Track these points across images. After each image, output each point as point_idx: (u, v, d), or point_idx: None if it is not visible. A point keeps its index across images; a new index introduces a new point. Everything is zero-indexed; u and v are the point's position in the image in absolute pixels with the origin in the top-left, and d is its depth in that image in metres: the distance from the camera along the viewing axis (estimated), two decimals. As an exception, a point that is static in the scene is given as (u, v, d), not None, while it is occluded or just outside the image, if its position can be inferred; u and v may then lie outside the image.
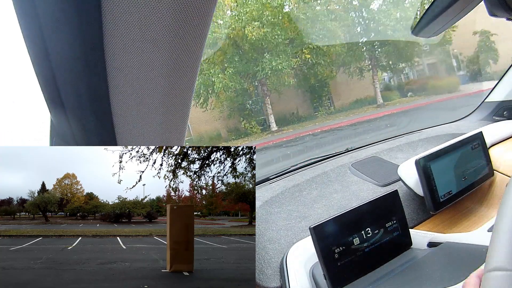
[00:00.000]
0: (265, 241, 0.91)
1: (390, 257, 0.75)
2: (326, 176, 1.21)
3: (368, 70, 11.10)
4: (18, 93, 1.72)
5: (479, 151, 1.03)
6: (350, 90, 11.43)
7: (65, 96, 0.40)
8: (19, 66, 1.01)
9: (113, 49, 0.36)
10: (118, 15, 0.34)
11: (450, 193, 0.96)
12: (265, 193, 1.12)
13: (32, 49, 0.38)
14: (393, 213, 0.77)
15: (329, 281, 0.67)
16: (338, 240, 0.69)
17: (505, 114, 1.47)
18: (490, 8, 0.50)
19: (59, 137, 0.49)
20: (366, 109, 10.87)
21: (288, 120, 11.22)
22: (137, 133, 0.45)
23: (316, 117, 11.17)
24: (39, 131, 0.72)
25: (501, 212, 0.39)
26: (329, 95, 11.56)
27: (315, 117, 11.19)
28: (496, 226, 0.38)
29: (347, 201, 1.06)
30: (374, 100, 11.16)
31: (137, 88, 0.40)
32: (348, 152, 1.42)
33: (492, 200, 1.03)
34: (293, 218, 1.00)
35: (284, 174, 1.27)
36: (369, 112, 10.41)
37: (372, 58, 10.98)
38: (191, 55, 0.40)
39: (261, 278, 0.82)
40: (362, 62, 11.03)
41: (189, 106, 0.48)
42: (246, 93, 10.73)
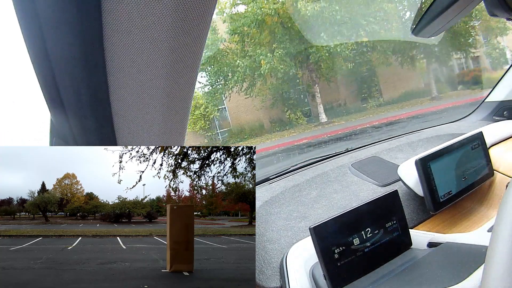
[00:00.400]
0: (265, 241, 0.91)
1: (390, 257, 0.75)
2: (326, 176, 1.21)
3: (420, 59, 9.95)
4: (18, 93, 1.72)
5: (479, 151, 1.03)
6: (398, 81, 10.31)
7: (65, 96, 0.40)
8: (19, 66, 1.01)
9: (113, 49, 0.36)
10: (118, 15, 0.34)
11: (450, 193, 0.96)
12: (265, 193, 1.12)
13: (32, 49, 0.38)
14: (393, 213, 0.77)
15: (329, 281, 0.67)
16: (338, 240, 0.69)
17: (505, 114, 1.47)
18: (490, 8, 0.50)
19: (59, 137, 0.49)
20: (421, 102, 9.77)
21: (336, 112, 10.08)
22: (137, 133, 0.45)
23: (365, 109, 10.02)
24: (39, 131, 0.72)
25: (500, 217, 0.38)
26: (378, 85, 10.41)
27: (364, 109, 10.03)
28: (495, 229, 0.38)
29: (347, 201, 1.06)
30: (424, 93, 10.02)
31: (137, 88, 0.40)
32: (348, 152, 1.42)
33: (492, 200, 1.02)
34: (293, 218, 1.00)
35: (284, 174, 1.27)
36: (426, 105, 9.17)
37: (425, 47, 9.66)
38: (191, 55, 0.40)
39: (261, 278, 0.82)
40: (415, 50, 9.71)
41: (189, 106, 0.48)
42: (293, 80, 9.57)
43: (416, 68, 9.99)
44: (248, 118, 10.40)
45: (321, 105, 9.50)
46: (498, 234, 0.37)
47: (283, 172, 1.28)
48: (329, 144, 6.94)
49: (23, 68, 0.47)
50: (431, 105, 9.25)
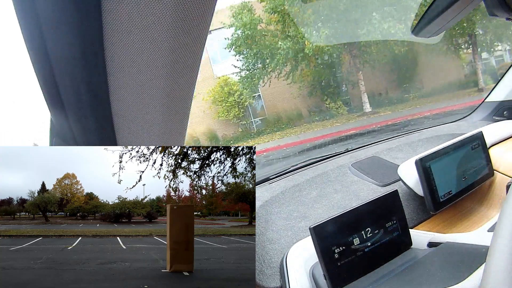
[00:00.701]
0: (265, 241, 0.91)
1: (390, 257, 0.75)
2: (326, 176, 1.21)
3: (466, 48, 8.98)
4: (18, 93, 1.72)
5: (479, 151, 1.03)
6: (439, 71, 9.21)
7: (65, 96, 0.40)
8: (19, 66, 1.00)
9: (113, 49, 0.36)
10: (118, 15, 0.34)
11: (450, 193, 0.96)
12: (265, 193, 1.12)
13: (32, 49, 0.38)
14: (393, 213, 0.77)
15: (329, 281, 0.67)
16: (338, 240, 0.69)
17: (505, 114, 1.47)
18: (490, 8, 0.50)
19: (59, 137, 0.49)
20: (468, 93, 8.84)
21: (377, 102, 9.23)
22: (137, 133, 0.45)
23: (408, 99, 9.12)
24: (39, 131, 0.72)
25: (501, 217, 0.38)
26: (420, 75, 9.37)
27: (407, 99, 9.13)
28: (496, 231, 0.38)
29: (347, 201, 1.06)
30: (467, 84, 9.08)
31: (137, 88, 0.40)
32: (348, 152, 1.42)
33: (492, 200, 1.02)
34: (293, 218, 1.00)
35: (284, 174, 1.27)
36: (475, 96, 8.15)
37: (471, 35, 8.64)
38: (191, 55, 0.40)
39: (261, 278, 0.82)
40: (463, 38, 8.69)
41: (189, 106, 0.48)
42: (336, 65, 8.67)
43: (460, 58, 9.10)
44: (284, 106, 9.81)
45: (365, 94, 8.62)
46: (499, 233, 0.37)
47: (283, 172, 1.28)
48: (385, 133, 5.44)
49: (23, 68, 0.47)
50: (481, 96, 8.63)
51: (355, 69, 8.65)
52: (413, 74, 9.42)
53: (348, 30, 7.22)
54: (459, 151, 0.99)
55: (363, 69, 8.58)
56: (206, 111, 10.35)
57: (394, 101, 9.21)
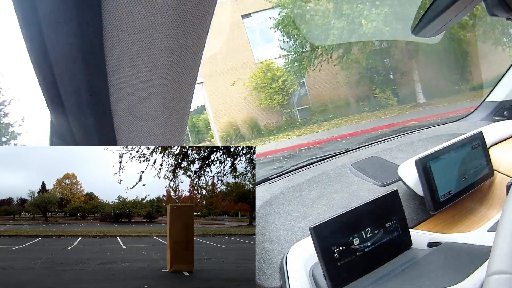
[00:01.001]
0: (265, 241, 0.91)
1: (390, 257, 0.75)
2: (326, 176, 1.21)
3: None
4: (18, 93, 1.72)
5: (479, 151, 1.03)
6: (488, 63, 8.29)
7: (65, 96, 0.40)
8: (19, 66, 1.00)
9: (113, 49, 0.36)
10: (118, 15, 0.34)
11: (450, 193, 0.96)
12: (265, 193, 1.12)
13: (32, 49, 0.38)
14: (393, 213, 0.77)
15: (329, 281, 0.67)
16: (338, 240, 0.69)
17: (505, 114, 1.47)
18: (490, 8, 0.50)
19: (59, 137, 0.49)
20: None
21: (428, 92, 8.39)
22: (137, 133, 0.45)
23: (458, 92, 8.34)
24: (39, 131, 0.72)
25: (503, 214, 0.38)
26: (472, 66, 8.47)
27: (457, 91, 8.34)
28: (499, 228, 0.38)
29: (347, 201, 1.06)
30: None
31: (137, 88, 0.40)
32: (348, 152, 1.42)
33: (492, 200, 1.02)
34: (293, 218, 1.00)
35: (284, 174, 1.27)
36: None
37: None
38: (191, 55, 0.40)
39: (261, 278, 0.82)
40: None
41: (189, 106, 0.48)
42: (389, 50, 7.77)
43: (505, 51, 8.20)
44: (330, 95, 9.14)
45: (419, 84, 7.77)
46: (500, 236, 0.37)
47: (283, 172, 1.28)
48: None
49: (23, 68, 0.47)
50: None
51: (408, 55, 7.74)
52: (465, 64, 8.49)
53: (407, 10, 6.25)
54: (459, 151, 0.99)
55: (416, 56, 7.72)
56: (247, 98, 9.75)
57: (445, 93, 8.27)
